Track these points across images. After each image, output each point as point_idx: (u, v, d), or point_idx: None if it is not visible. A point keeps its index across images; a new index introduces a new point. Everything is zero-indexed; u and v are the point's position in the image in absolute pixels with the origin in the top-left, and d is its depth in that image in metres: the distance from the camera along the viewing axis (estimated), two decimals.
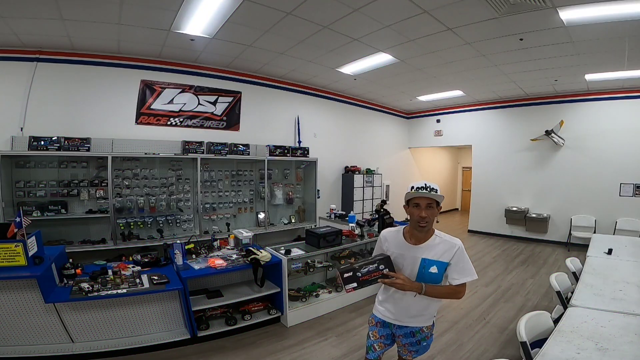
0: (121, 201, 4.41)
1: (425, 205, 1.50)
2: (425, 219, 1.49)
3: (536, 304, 3.88)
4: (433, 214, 1.51)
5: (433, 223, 1.55)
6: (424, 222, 1.50)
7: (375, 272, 1.56)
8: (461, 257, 1.54)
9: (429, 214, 1.49)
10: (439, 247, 1.55)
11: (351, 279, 1.55)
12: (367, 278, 1.56)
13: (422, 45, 4.28)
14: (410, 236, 1.61)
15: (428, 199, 1.49)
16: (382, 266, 1.57)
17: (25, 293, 2.37)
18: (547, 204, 7.07)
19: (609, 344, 1.65)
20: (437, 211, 1.53)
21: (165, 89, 5.00)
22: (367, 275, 1.56)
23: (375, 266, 1.57)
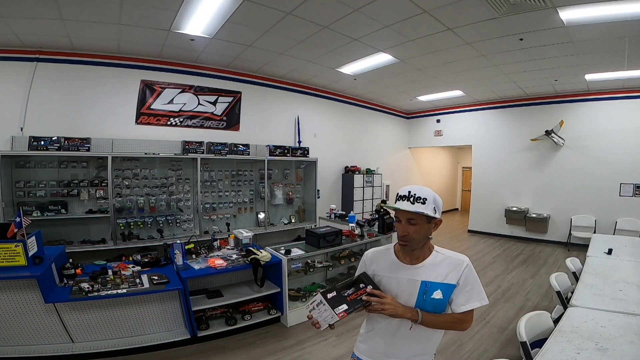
0: (121, 201, 4.41)
1: (406, 220, 1.17)
2: (405, 237, 1.18)
3: (536, 304, 3.88)
4: (419, 231, 1.16)
5: (424, 240, 1.21)
6: (404, 240, 1.19)
7: (361, 290, 1.22)
8: (470, 277, 1.20)
9: (411, 230, 1.16)
10: (442, 266, 1.21)
11: (337, 299, 1.19)
12: (355, 297, 1.20)
13: (422, 45, 4.28)
14: (403, 255, 1.26)
15: (408, 213, 1.15)
16: (362, 285, 1.23)
17: (25, 293, 2.37)
18: (547, 204, 7.07)
19: (609, 344, 1.65)
20: (427, 227, 1.18)
21: (165, 89, 5.00)
22: (354, 294, 1.21)
23: (357, 286, 1.23)
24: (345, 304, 1.17)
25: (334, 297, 1.19)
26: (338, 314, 1.14)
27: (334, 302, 1.18)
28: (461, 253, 1.26)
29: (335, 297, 1.19)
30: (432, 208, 1.14)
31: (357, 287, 1.22)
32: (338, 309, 1.15)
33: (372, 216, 4.86)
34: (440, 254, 1.24)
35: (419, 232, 1.17)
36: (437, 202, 1.17)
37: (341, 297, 1.19)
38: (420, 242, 1.20)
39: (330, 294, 1.20)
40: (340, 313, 1.15)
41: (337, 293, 1.20)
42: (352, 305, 1.17)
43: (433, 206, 1.15)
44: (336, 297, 1.19)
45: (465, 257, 1.23)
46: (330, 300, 1.18)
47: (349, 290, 1.21)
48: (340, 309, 1.16)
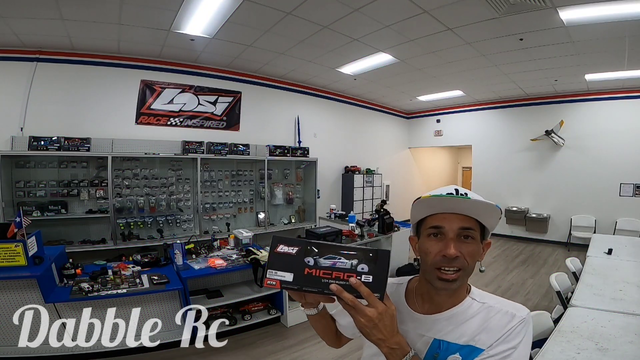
0: (121, 201, 4.41)
1: (457, 231, 0.72)
2: (457, 260, 0.70)
3: (536, 304, 3.88)
4: (475, 253, 0.73)
5: (471, 273, 0.75)
6: (452, 269, 0.71)
7: (348, 273, 0.69)
8: (519, 343, 0.71)
9: (465, 251, 0.71)
10: (475, 320, 0.75)
11: (288, 262, 0.71)
12: (324, 276, 0.70)
13: (422, 45, 4.28)
14: (422, 298, 0.82)
15: (463, 218, 0.72)
16: (363, 267, 0.69)
17: (25, 293, 2.37)
18: (547, 204, 7.07)
19: (609, 344, 1.65)
20: (481, 247, 0.75)
21: (165, 89, 5.00)
22: (327, 271, 0.70)
23: (351, 263, 0.70)
24: (293, 272, 0.70)
25: (284, 257, 0.71)
26: (268, 279, 0.71)
27: (278, 263, 0.71)
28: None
29: (290, 257, 0.71)
30: (491, 208, 0.72)
31: (349, 266, 0.69)
32: (273, 274, 0.71)
33: (372, 216, 4.86)
34: (477, 303, 0.77)
35: (475, 256, 0.72)
36: None
37: (298, 262, 0.71)
38: (469, 275, 0.75)
39: (285, 247, 0.72)
40: (271, 280, 0.70)
41: (300, 255, 0.71)
42: (305, 281, 0.70)
43: (491, 205, 0.72)
44: (289, 259, 0.71)
45: (523, 308, 0.75)
46: (275, 257, 0.71)
47: (325, 260, 0.70)
48: (275, 276, 0.70)
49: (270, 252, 0.73)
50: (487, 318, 0.75)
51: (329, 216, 5.21)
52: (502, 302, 0.78)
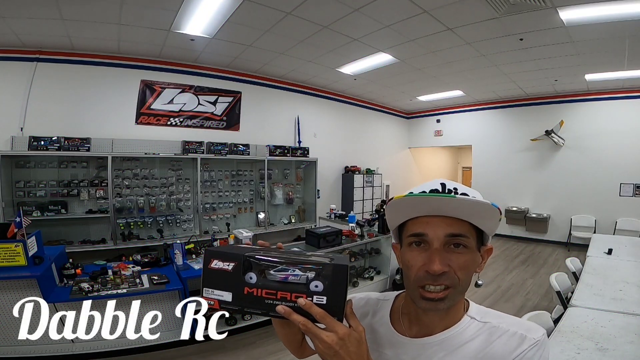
0: (121, 201, 4.41)
1: (444, 238, 0.58)
2: (443, 276, 0.57)
3: (536, 304, 3.88)
4: (469, 265, 0.60)
5: (465, 290, 0.61)
6: (438, 287, 0.58)
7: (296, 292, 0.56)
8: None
9: (456, 265, 0.58)
10: (473, 345, 0.61)
11: (224, 280, 0.59)
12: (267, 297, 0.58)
13: (422, 45, 4.28)
14: (408, 318, 0.69)
15: (452, 221, 0.58)
16: (317, 284, 0.55)
17: (25, 293, 2.36)
18: (547, 204, 7.07)
19: (609, 344, 1.65)
20: (479, 256, 0.62)
21: (165, 89, 5.00)
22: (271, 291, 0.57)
23: (307, 277, 0.56)
24: (230, 291, 0.59)
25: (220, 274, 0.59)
26: (205, 298, 0.60)
27: (214, 280, 0.60)
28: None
29: (225, 274, 0.59)
30: (487, 206, 0.56)
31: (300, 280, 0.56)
32: (212, 292, 0.60)
33: (372, 216, 4.86)
34: (477, 322, 0.63)
35: (469, 268, 0.59)
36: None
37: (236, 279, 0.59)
38: (464, 291, 0.61)
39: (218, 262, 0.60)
40: (209, 299, 0.60)
41: (238, 268, 0.59)
42: (246, 302, 0.59)
43: (486, 203, 0.57)
44: (225, 276, 0.59)
45: (537, 328, 0.60)
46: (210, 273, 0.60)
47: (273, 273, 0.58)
48: (214, 295, 0.59)
49: (204, 268, 0.61)
50: (489, 341, 0.59)
51: (329, 216, 5.21)
52: (510, 320, 0.62)
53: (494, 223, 0.59)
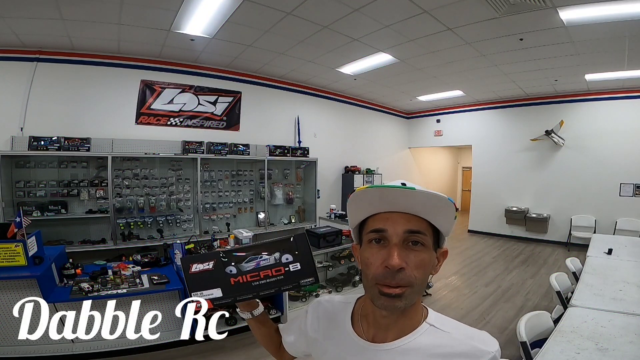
0: (121, 201, 4.41)
1: (403, 235, 0.57)
2: (401, 273, 0.56)
3: (536, 304, 3.88)
4: (426, 264, 0.59)
5: (422, 291, 0.62)
6: (395, 284, 0.56)
7: (274, 267, 0.69)
8: None
9: (413, 261, 0.57)
10: (429, 353, 0.60)
11: (209, 278, 0.67)
12: (252, 280, 0.68)
13: (422, 45, 4.28)
14: (367, 320, 0.68)
15: (411, 218, 0.58)
16: (287, 257, 0.69)
17: (25, 293, 2.36)
18: (547, 204, 7.07)
19: (609, 344, 1.65)
20: (435, 257, 0.61)
21: (165, 89, 5.00)
22: (254, 273, 0.68)
23: (274, 257, 0.69)
24: (220, 287, 0.66)
25: (204, 274, 0.66)
26: (197, 302, 0.68)
27: (200, 282, 0.67)
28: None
29: (208, 273, 0.66)
30: (441, 199, 0.56)
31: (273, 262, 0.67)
32: (201, 294, 0.67)
33: None
34: (435, 330, 0.62)
35: (426, 267, 0.58)
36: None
37: (220, 275, 0.66)
38: (420, 292, 0.61)
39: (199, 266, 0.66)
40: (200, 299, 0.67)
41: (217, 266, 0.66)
42: (235, 291, 0.67)
43: (443, 197, 0.56)
44: (208, 275, 0.66)
45: (491, 341, 0.60)
46: (194, 276, 0.67)
47: (249, 262, 0.67)
48: (204, 295, 0.67)
49: (185, 275, 0.68)
50: (446, 352, 0.59)
51: (329, 216, 5.20)
52: (467, 331, 0.62)
53: (450, 221, 0.59)
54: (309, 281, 0.68)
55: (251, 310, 0.81)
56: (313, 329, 0.76)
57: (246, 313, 0.81)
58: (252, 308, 0.81)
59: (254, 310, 0.81)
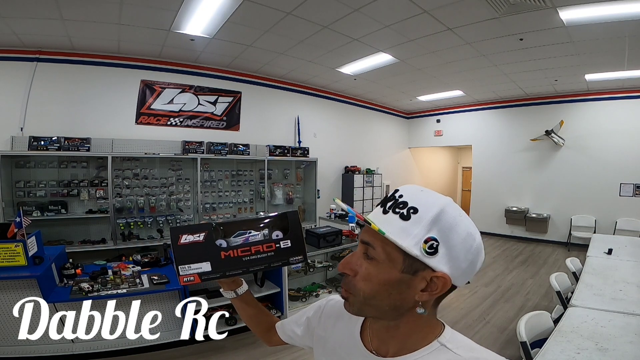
0: (121, 201, 4.41)
1: (361, 245, 0.57)
2: (345, 279, 0.58)
3: (536, 304, 3.88)
4: (369, 276, 0.54)
5: (396, 311, 0.56)
6: (343, 285, 0.59)
7: (265, 243, 0.67)
8: None
9: (363, 272, 0.55)
10: None
11: (199, 251, 0.65)
12: (243, 254, 0.66)
13: (422, 45, 4.28)
14: (372, 331, 0.65)
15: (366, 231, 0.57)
16: (277, 234, 0.69)
17: (25, 293, 2.36)
18: (547, 204, 7.07)
19: (609, 344, 1.65)
20: (399, 280, 0.53)
21: (165, 89, 5.00)
22: (245, 248, 0.66)
23: (263, 234, 0.69)
24: (209, 260, 0.63)
25: (193, 247, 0.63)
26: (183, 276, 0.63)
27: (187, 256, 0.63)
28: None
29: (196, 247, 0.63)
30: (422, 235, 0.51)
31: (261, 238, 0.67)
32: (186, 269, 0.62)
33: None
34: (446, 350, 0.55)
35: (372, 282, 0.54)
36: (447, 228, 0.51)
37: (209, 249, 0.64)
38: (380, 309, 0.56)
39: (188, 237, 0.63)
40: (188, 275, 0.63)
41: (207, 240, 0.64)
42: (226, 266, 0.64)
43: (427, 233, 0.51)
44: (197, 249, 0.63)
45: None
46: (181, 249, 0.63)
47: (242, 236, 0.66)
48: (192, 269, 0.63)
49: (173, 247, 0.63)
50: None
51: (329, 216, 5.21)
52: (481, 356, 0.54)
53: (409, 251, 0.50)
54: (298, 259, 0.68)
55: (235, 289, 0.77)
56: (323, 327, 0.74)
57: (229, 292, 0.77)
58: (236, 286, 0.77)
59: (238, 288, 0.77)
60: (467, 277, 0.54)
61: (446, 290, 0.53)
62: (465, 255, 0.52)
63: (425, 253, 0.50)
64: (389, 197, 0.57)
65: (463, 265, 0.52)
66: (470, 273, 0.54)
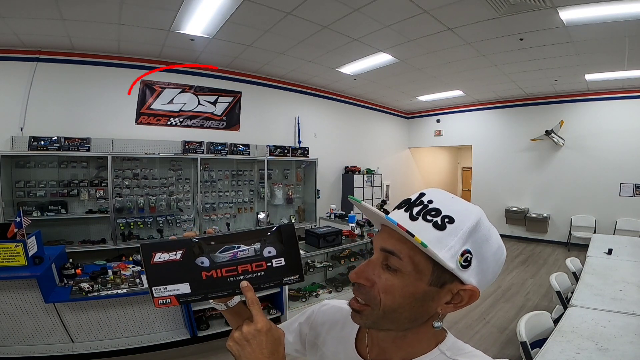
0: (121, 201, 4.41)
1: (380, 253, 0.52)
2: (360, 289, 0.53)
3: (536, 304, 3.88)
4: (392, 289, 0.50)
5: (412, 323, 0.53)
6: (356, 301, 0.54)
7: (255, 262, 0.59)
8: None
9: (383, 284, 0.51)
10: None
11: (176, 271, 0.56)
12: (228, 274, 0.58)
13: (422, 45, 4.28)
14: (371, 338, 0.63)
15: (397, 236, 0.50)
16: (269, 250, 0.59)
17: (25, 293, 2.37)
18: (547, 204, 7.07)
19: (609, 344, 1.65)
20: (424, 294, 0.50)
21: (165, 89, 5.00)
22: (230, 267, 0.58)
23: (254, 249, 0.59)
24: (190, 281, 0.56)
25: (167, 266, 0.55)
26: (157, 298, 0.55)
27: (168, 273, 0.55)
28: None
29: (172, 265, 0.55)
30: (458, 248, 0.48)
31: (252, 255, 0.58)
32: (164, 290, 0.55)
33: None
34: (445, 359, 0.54)
35: (397, 296, 0.50)
36: (482, 241, 0.50)
37: (188, 266, 0.56)
38: (399, 322, 0.52)
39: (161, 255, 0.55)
40: (163, 298, 0.55)
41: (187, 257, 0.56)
42: (207, 287, 0.57)
43: (464, 246, 0.48)
44: (172, 267, 0.55)
45: None
46: (154, 269, 0.55)
47: (230, 251, 0.58)
48: (168, 291, 0.55)
49: (145, 265, 0.55)
50: None
51: (329, 216, 5.20)
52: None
53: (446, 264, 0.47)
54: (293, 279, 0.60)
55: (225, 302, 0.67)
56: (314, 334, 0.71)
57: (220, 304, 0.69)
58: (226, 299, 0.68)
59: (229, 301, 0.68)
60: (486, 287, 0.53)
61: (472, 302, 0.51)
62: (494, 268, 0.51)
63: (460, 266, 0.48)
64: (415, 202, 0.52)
65: (490, 277, 0.51)
66: (490, 283, 0.53)
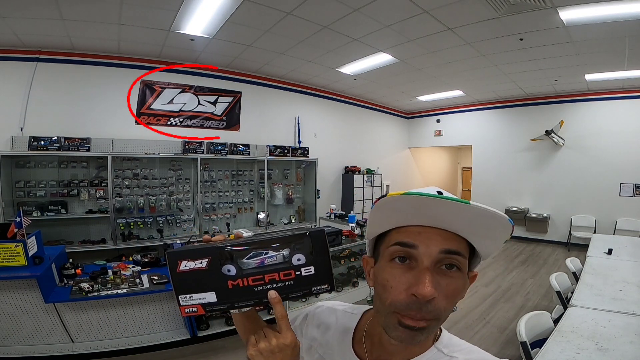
0: (121, 201, 4.41)
1: (438, 255, 0.48)
2: (431, 304, 0.47)
3: (536, 304, 3.88)
4: (456, 291, 0.49)
5: (446, 319, 0.50)
6: (421, 316, 0.47)
7: (282, 271, 0.56)
8: None
9: (446, 289, 0.48)
10: None
11: (202, 280, 0.54)
12: (255, 284, 0.56)
13: (422, 45, 4.28)
14: (371, 341, 0.61)
15: (449, 236, 0.48)
16: (299, 257, 0.56)
17: (25, 293, 2.37)
18: (547, 204, 7.07)
19: (609, 344, 1.65)
20: (467, 282, 0.53)
21: (165, 89, 5.00)
22: (257, 276, 0.56)
23: (282, 255, 0.56)
24: (217, 290, 0.55)
25: (194, 273, 0.54)
26: (184, 307, 0.55)
27: (194, 281, 0.54)
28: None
29: (200, 273, 0.54)
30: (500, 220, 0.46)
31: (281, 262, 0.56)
32: (190, 299, 0.54)
33: None
34: (442, 355, 0.55)
35: (457, 296, 0.50)
36: None
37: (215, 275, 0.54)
38: (443, 318, 0.50)
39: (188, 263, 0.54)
40: (190, 307, 0.55)
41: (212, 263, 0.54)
42: (233, 296, 0.55)
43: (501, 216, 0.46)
44: (200, 275, 0.54)
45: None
46: (182, 276, 0.54)
47: (252, 259, 0.55)
48: (195, 300, 0.54)
49: (171, 274, 0.54)
50: None
51: (329, 216, 5.20)
52: (479, 356, 0.53)
53: (499, 245, 0.49)
54: (324, 288, 0.57)
55: None
56: (310, 336, 0.69)
57: None
58: None
59: None
60: None
61: None
62: None
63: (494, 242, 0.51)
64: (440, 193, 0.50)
65: None
66: None
